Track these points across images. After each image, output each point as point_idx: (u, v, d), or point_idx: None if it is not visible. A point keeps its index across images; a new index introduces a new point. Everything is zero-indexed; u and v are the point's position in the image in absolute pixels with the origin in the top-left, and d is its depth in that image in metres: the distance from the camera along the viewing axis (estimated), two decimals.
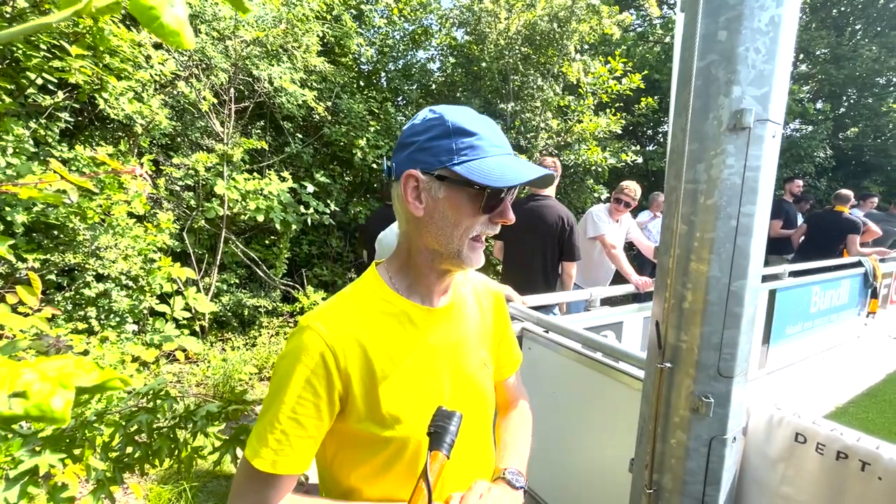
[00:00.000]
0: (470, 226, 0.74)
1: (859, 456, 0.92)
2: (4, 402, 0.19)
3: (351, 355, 0.71)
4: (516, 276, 2.91)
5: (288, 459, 0.68)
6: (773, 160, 0.92)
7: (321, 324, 0.72)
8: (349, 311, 0.76)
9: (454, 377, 0.82)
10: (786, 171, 8.51)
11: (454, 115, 0.73)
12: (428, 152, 0.72)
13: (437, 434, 0.66)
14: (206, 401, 1.19)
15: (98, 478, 0.98)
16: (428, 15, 6.20)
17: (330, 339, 0.71)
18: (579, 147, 5.94)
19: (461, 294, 0.89)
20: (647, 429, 1.02)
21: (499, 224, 0.77)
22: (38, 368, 0.20)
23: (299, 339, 0.71)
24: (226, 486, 2.59)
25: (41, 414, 0.19)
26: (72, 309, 3.20)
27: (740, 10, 0.88)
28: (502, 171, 0.71)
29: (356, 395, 0.72)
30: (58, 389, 0.20)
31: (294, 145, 4.83)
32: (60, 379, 0.20)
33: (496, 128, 0.76)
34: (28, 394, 0.19)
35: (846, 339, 4.30)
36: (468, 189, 0.72)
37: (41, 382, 0.19)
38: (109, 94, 3.14)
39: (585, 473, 1.70)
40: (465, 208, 0.73)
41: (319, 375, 0.69)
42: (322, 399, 0.70)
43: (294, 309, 4.53)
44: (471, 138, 0.71)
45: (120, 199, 3.21)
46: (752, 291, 0.93)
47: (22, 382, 0.19)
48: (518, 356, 1.04)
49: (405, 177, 0.74)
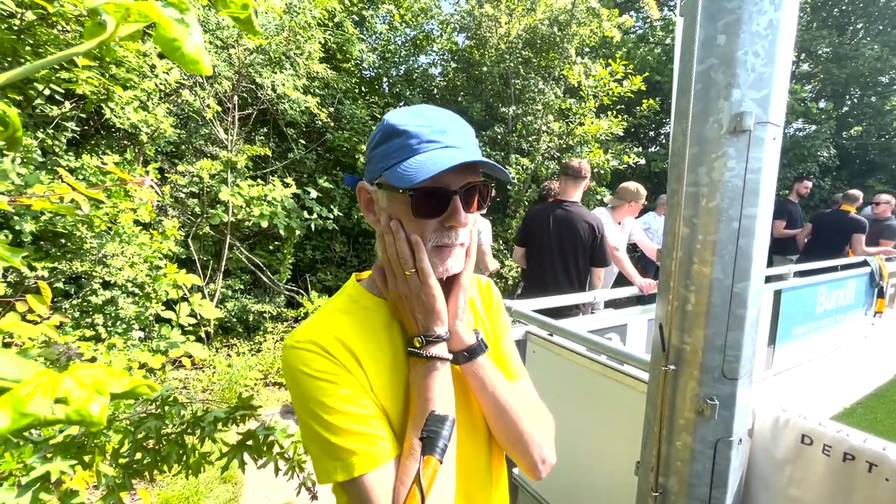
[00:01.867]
0: (421, 233, 0.68)
1: (866, 457, 0.92)
2: (49, 408, 0.20)
3: (340, 352, 0.68)
4: (541, 283, 2.88)
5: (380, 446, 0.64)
6: (774, 162, 0.92)
7: (302, 336, 0.69)
8: (329, 318, 0.72)
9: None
10: (789, 170, 8.47)
11: (392, 118, 0.69)
12: (371, 161, 0.71)
13: (429, 439, 0.64)
14: (212, 406, 1.20)
15: (108, 484, 0.99)
16: (429, 20, 6.25)
17: (316, 343, 0.67)
18: (581, 149, 5.96)
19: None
20: (652, 431, 1.02)
21: (453, 230, 0.70)
22: (75, 376, 0.22)
23: (288, 358, 0.68)
24: (232, 491, 2.60)
25: (80, 419, 0.21)
26: (79, 316, 3.23)
27: (739, 14, 0.88)
28: (419, 168, 0.63)
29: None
30: (94, 396, 0.21)
31: (297, 151, 4.87)
32: (96, 386, 0.21)
33: (441, 121, 0.69)
34: (68, 400, 0.21)
35: (853, 340, 4.27)
36: (399, 194, 0.67)
37: (80, 389, 0.21)
38: (116, 103, 3.18)
39: (591, 477, 1.69)
40: (404, 215, 0.68)
41: (327, 360, 0.66)
42: (349, 375, 0.66)
43: (298, 314, 4.55)
44: (400, 138, 0.67)
45: (126, 208, 3.24)
46: (756, 293, 0.93)
47: (63, 389, 0.21)
48: (514, 371, 0.90)
49: (357, 189, 0.74)
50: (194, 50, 0.29)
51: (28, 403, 0.21)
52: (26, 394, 0.21)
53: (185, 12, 0.30)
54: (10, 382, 0.22)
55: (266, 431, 1.20)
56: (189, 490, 2.52)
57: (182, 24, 0.29)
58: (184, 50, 0.28)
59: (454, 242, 0.71)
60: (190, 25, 0.29)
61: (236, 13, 0.35)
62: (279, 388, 3.85)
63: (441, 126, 0.68)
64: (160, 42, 0.28)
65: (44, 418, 0.20)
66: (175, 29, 0.28)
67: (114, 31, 0.27)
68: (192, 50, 0.28)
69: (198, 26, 0.30)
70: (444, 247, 0.71)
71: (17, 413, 0.20)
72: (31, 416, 0.20)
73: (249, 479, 2.64)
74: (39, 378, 0.22)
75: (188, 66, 0.29)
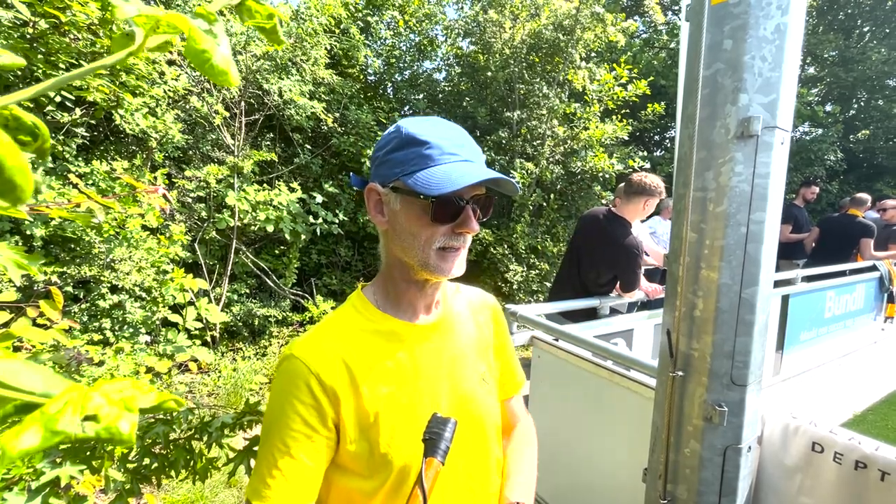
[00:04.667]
0: (430, 236, 0.72)
1: (878, 465, 0.90)
2: (79, 426, 0.20)
3: (337, 377, 0.71)
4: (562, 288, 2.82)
5: (288, 495, 0.67)
6: (782, 167, 0.92)
7: (304, 350, 0.72)
8: (333, 334, 0.76)
9: (451, 393, 0.79)
10: (796, 174, 8.42)
11: (410, 126, 0.73)
12: (385, 165, 0.74)
13: (431, 441, 0.66)
14: (219, 411, 1.21)
15: (116, 489, 0.99)
16: (434, 26, 6.29)
17: (314, 365, 0.70)
18: (586, 154, 5.95)
19: (453, 308, 0.88)
20: (660, 438, 1.01)
21: (462, 234, 0.74)
22: (104, 392, 0.22)
23: (283, 370, 0.72)
24: (238, 496, 2.60)
25: (110, 436, 0.20)
26: (87, 320, 3.26)
27: (745, 18, 0.88)
28: (445, 179, 0.68)
29: (346, 418, 0.71)
30: (124, 413, 0.21)
31: (303, 156, 4.90)
32: (125, 402, 0.21)
33: (457, 135, 0.75)
34: (98, 417, 0.21)
35: (863, 345, 4.21)
36: (418, 200, 0.71)
37: (109, 406, 0.21)
38: (125, 110, 3.22)
39: (598, 484, 1.68)
40: (419, 219, 0.72)
41: (308, 405, 0.69)
42: (315, 429, 0.69)
43: (304, 318, 4.56)
44: (420, 147, 0.71)
45: (134, 213, 3.27)
46: (764, 298, 0.92)
47: (93, 406, 0.21)
48: (520, 379, 1.00)
49: (367, 190, 0.77)
50: (223, 62, 0.29)
51: (59, 421, 0.21)
52: (57, 411, 0.21)
53: (214, 23, 0.30)
54: (38, 398, 0.22)
55: None
56: (195, 494, 2.53)
57: (211, 36, 0.29)
58: (213, 62, 0.28)
59: (461, 245, 0.75)
60: (218, 36, 0.29)
61: (262, 23, 0.35)
62: None
63: (459, 140, 0.74)
64: (190, 54, 0.28)
65: (74, 437, 0.20)
66: (205, 41, 0.28)
67: (142, 42, 0.27)
68: (221, 62, 0.29)
69: (225, 37, 0.30)
70: (451, 249, 0.74)
71: (48, 431, 0.20)
72: (62, 433, 0.20)
73: None
74: (69, 394, 0.22)
75: (217, 77, 0.29)
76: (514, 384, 0.98)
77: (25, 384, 0.23)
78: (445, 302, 0.87)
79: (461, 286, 0.95)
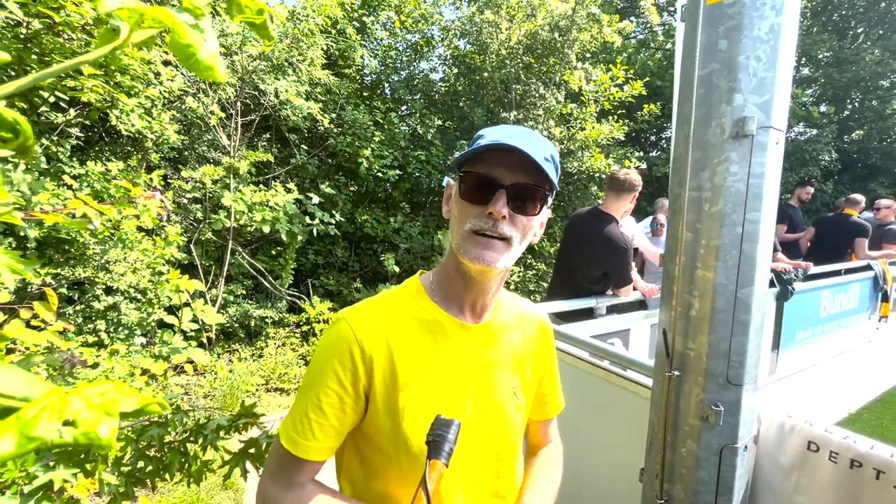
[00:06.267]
0: (464, 216, 0.74)
1: (874, 464, 0.91)
2: (56, 431, 0.20)
3: (377, 352, 0.74)
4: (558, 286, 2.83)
5: (309, 444, 0.72)
6: (777, 166, 0.92)
7: (354, 318, 0.76)
8: (383, 311, 0.78)
9: (479, 398, 0.79)
10: (791, 174, 8.47)
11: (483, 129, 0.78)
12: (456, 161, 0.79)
13: (435, 443, 0.66)
14: (215, 413, 1.20)
15: (111, 492, 0.98)
16: (430, 27, 6.29)
17: (359, 334, 0.74)
18: (582, 154, 5.96)
19: (504, 317, 0.87)
20: (656, 438, 1.02)
21: (495, 220, 0.71)
22: (83, 396, 0.21)
23: (332, 330, 0.76)
24: (234, 498, 2.58)
25: (89, 442, 0.20)
26: (82, 322, 3.24)
27: (740, 19, 0.89)
28: (472, 152, 0.72)
29: (377, 391, 0.74)
30: (103, 417, 0.20)
31: (299, 157, 4.89)
32: (105, 406, 0.21)
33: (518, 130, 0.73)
34: (77, 422, 0.20)
35: (858, 344, 4.24)
36: (456, 180, 0.76)
37: (88, 411, 0.20)
38: (120, 110, 3.20)
39: (595, 484, 1.68)
40: (457, 199, 0.76)
41: (346, 368, 0.73)
42: (346, 391, 0.73)
43: (300, 319, 4.55)
44: (478, 139, 0.75)
45: (129, 214, 3.25)
46: (760, 298, 0.92)
47: (71, 411, 0.20)
48: (560, 402, 0.99)
49: (447, 187, 0.81)
50: (209, 56, 0.29)
51: (35, 426, 0.20)
52: (33, 416, 0.20)
53: (200, 18, 0.29)
54: (17, 402, 0.22)
55: (268, 439, 1.19)
56: (191, 497, 2.51)
57: (197, 30, 0.29)
58: (198, 56, 0.28)
59: (494, 232, 0.72)
60: (205, 31, 0.29)
61: (252, 19, 0.35)
62: (281, 393, 3.84)
63: (516, 132, 0.73)
64: (175, 48, 0.28)
65: (51, 442, 0.20)
66: (190, 35, 0.28)
67: (127, 37, 0.27)
68: (206, 56, 0.28)
69: (212, 32, 0.30)
70: (481, 234, 0.72)
71: (23, 437, 0.20)
72: (38, 439, 0.20)
73: (251, 487, 2.63)
74: (47, 399, 0.21)
75: (203, 72, 0.29)
76: (554, 406, 0.98)
77: (4, 388, 0.22)
78: (497, 309, 0.86)
79: (520, 298, 0.95)
